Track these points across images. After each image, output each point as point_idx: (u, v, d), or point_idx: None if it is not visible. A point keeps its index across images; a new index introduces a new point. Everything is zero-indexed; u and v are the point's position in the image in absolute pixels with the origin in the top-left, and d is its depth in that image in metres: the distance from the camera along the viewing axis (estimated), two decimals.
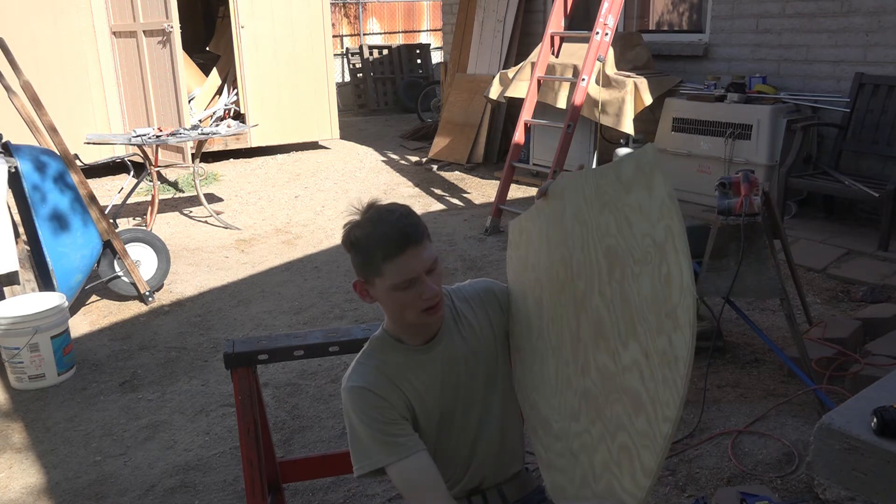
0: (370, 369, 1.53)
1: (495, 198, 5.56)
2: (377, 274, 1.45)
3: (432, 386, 1.56)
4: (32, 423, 3.16)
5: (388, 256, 1.42)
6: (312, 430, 3.00)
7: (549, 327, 1.58)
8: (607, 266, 1.44)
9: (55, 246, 3.86)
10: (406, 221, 1.44)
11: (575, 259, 1.53)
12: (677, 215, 1.32)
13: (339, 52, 13.00)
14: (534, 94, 5.77)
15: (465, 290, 1.68)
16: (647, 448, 1.26)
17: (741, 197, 2.87)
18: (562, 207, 1.59)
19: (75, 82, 7.27)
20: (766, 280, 2.91)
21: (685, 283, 1.26)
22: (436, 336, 1.57)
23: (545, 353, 1.58)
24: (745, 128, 5.18)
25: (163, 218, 6.16)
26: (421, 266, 1.43)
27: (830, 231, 4.83)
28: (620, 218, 1.42)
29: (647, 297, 1.33)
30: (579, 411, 1.45)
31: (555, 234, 1.61)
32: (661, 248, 1.32)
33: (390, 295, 1.46)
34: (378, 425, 1.47)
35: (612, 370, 1.38)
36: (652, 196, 1.37)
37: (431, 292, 1.44)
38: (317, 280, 4.71)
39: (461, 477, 1.64)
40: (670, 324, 1.27)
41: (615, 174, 1.46)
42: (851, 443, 2.08)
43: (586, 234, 1.50)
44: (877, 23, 5.01)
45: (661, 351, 1.27)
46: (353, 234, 1.46)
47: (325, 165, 7.94)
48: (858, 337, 3.35)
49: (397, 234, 1.42)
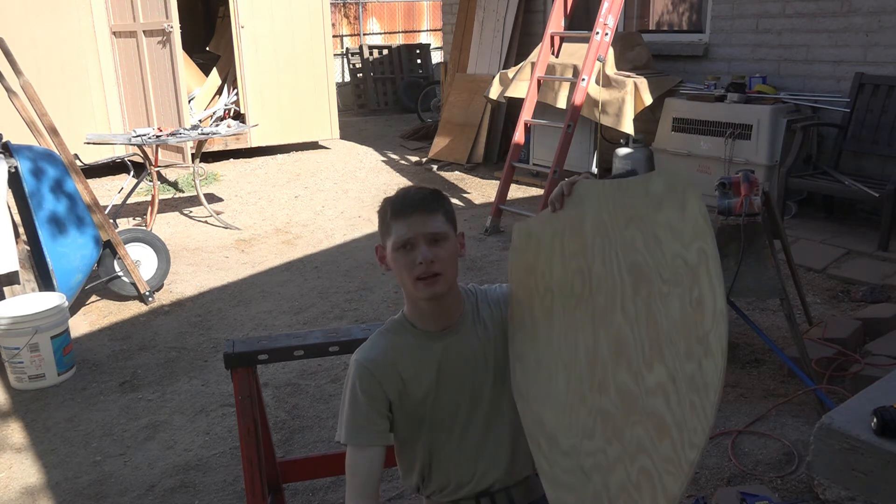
0: (380, 347, 1.61)
1: (495, 198, 5.56)
2: (388, 234, 1.53)
3: (438, 372, 1.58)
4: (32, 423, 3.16)
5: (395, 214, 1.51)
6: (312, 430, 3.00)
7: (560, 340, 1.53)
8: (632, 283, 1.40)
9: (55, 246, 3.86)
10: (427, 192, 1.54)
11: (594, 272, 1.49)
12: (712, 238, 1.30)
13: (339, 52, 13.00)
14: (534, 94, 5.77)
15: (491, 293, 1.69)
16: (672, 474, 1.24)
17: (741, 197, 2.87)
18: (580, 217, 1.55)
19: (75, 82, 7.27)
20: (766, 280, 2.91)
21: (718, 309, 1.24)
22: (449, 326, 1.60)
23: (555, 367, 1.53)
24: (745, 128, 5.18)
25: (163, 218, 6.16)
26: (422, 229, 1.49)
27: (830, 231, 4.83)
28: (648, 235, 1.39)
29: (676, 319, 1.30)
30: (594, 430, 1.41)
31: (571, 244, 1.56)
32: (693, 270, 1.30)
33: (393, 256, 1.53)
34: (360, 407, 1.56)
35: (633, 391, 1.35)
36: (684, 216, 1.34)
37: (424, 257, 1.48)
38: (317, 280, 4.71)
39: (469, 478, 1.64)
40: (701, 349, 1.25)
41: (644, 189, 1.43)
42: (851, 443, 2.08)
43: (608, 247, 1.47)
44: (877, 23, 5.01)
45: (689, 376, 1.25)
46: (383, 201, 1.57)
47: (325, 165, 7.94)
48: (858, 337, 3.35)
49: (411, 198, 1.52)
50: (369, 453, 1.55)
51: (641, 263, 1.40)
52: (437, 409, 1.60)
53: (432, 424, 1.61)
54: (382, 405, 1.58)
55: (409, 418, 1.61)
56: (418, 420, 1.61)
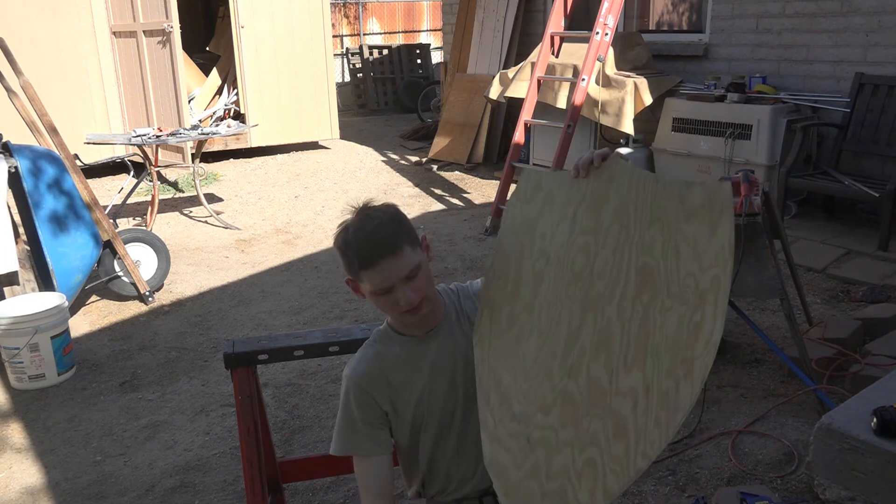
0: (368, 358, 1.62)
1: (495, 198, 5.56)
2: (359, 279, 1.51)
3: (428, 375, 1.59)
4: (32, 423, 3.16)
5: (364, 266, 1.47)
6: (312, 430, 3.00)
7: (542, 307, 1.50)
8: (637, 283, 1.39)
9: (55, 246, 3.85)
10: (383, 231, 1.47)
11: (601, 258, 1.46)
12: (730, 269, 1.29)
13: (339, 52, 12.99)
14: (534, 94, 5.77)
15: (473, 288, 1.70)
16: (616, 474, 1.26)
17: (741, 197, 2.87)
18: (604, 195, 1.49)
19: (75, 82, 7.27)
20: (766, 280, 2.91)
21: (713, 340, 1.24)
22: (433, 329, 1.61)
23: (528, 331, 1.50)
24: (745, 128, 5.18)
25: (163, 218, 6.16)
26: (396, 275, 1.47)
27: (830, 231, 4.83)
28: (669, 243, 1.38)
29: (669, 335, 1.30)
30: (552, 407, 1.41)
31: (585, 218, 1.51)
32: (702, 295, 1.29)
33: (373, 299, 1.52)
34: (357, 423, 1.59)
35: (604, 387, 1.35)
36: (712, 238, 1.33)
37: (406, 301, 1.48)
38: (317, 280, 4.70)
39: (471, 476, 1.65)
40: (683, 371, 1.25)
41: (679, 195, 1.40)
42: (851, 443, 2.08)
43: (624, 239, 1.44)
44: (877, 23, 5.01)
45: (663, 392, 1.26)
46: (339, 238, 1.52)
47: (325, 165, 7.94)
48: (858, 337, 3.35)
49: (371, 244, 1.46)
50: (374, 461, 1.59)
51: (653, 269, 1.38)
52: (433, 410, 1.61)
53: (431, 426, 1.62)
54: (378, 417, 1.60)
55: (407, 423, 1.62)
56: (417, 423, 1.62)
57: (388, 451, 1.62)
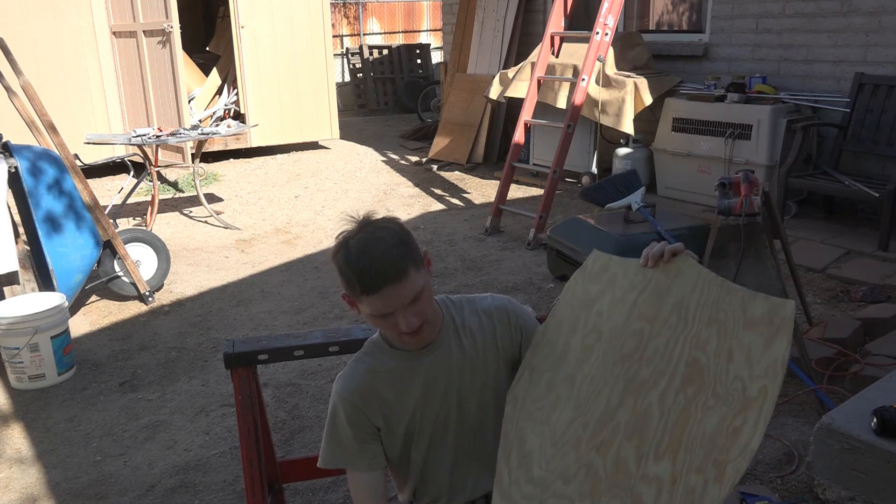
0: (360, 373, 1.58)
1: (495, 198, 5.56)
2: (358, 301, 1.46)
3: (422, 390, 1.56)
4: (32, 423, 3.16)
5: (366, 292, 1.42)
6: (312, 430, 3.00)
7: (584, 381, 1.50)
8: (684, 376, 1.39)
9: (55, 246, 3.85)
10: (387, 258, 1.40)
11: (653, 345, 1.46)
12: (780, 383, 1.29)
13: (339, 52, 12.99)
14: (534, 94, 5.77)
15: (480, 303, 1.65)
16: None
17: (741, 197, 2.87)
18: (667, 287, 1.52)
19: (75, 82, 7.27)
20: (766, 280, 2.91)
21: (751, 448, 1.24)
22: (430, 344, 1.56)
23: (565, 400, 1.50)
24: (745, 128, 5.18)
25: (163, 218, 6.16)
26: (398, 303, 1.42)
27: (830, 231, 4.83)
28: (724, 346, 1.38)
29: (707, 433, 1.29)
30: (573, 478, 1.40)
31: (645, 305, 1.52)
32: (747, 402, 1.29)
33: (372, 321, 1.48)
34: (347, 439, 1.58)
35: (630, 469, 1.34)
36: (767, 350, 1.34)
37: (407, 325, 1.44)
38: (317, 280, 4.71)
39: (461, 488, 1.63)
40: (714, 472, 1.25)
41: (741, 301, 1.42)
42: (851, 443, 2.08)
43: (680, 332, 1.44)
44: (877, 23, 5.01)
45: (690, 488, 1.26)
46: (339, 257, 1.45)
47: (325, 165, 7.94)
48: (858, 337, 3.35)
49: (377, 271, 1.40)
50: (367, 476, 1.59)
51: (703, 366, 1.38)
52: (425, 424, 1.58)
53: (422, 439, 1.59)
54: (370, 433, 1.58)
55: (399, 437, 1.59)
56: (408, 437, 1.59)
57: (381, 467, 1.60)
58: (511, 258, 4.91)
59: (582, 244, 3.95)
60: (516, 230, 5.50)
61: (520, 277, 4.53)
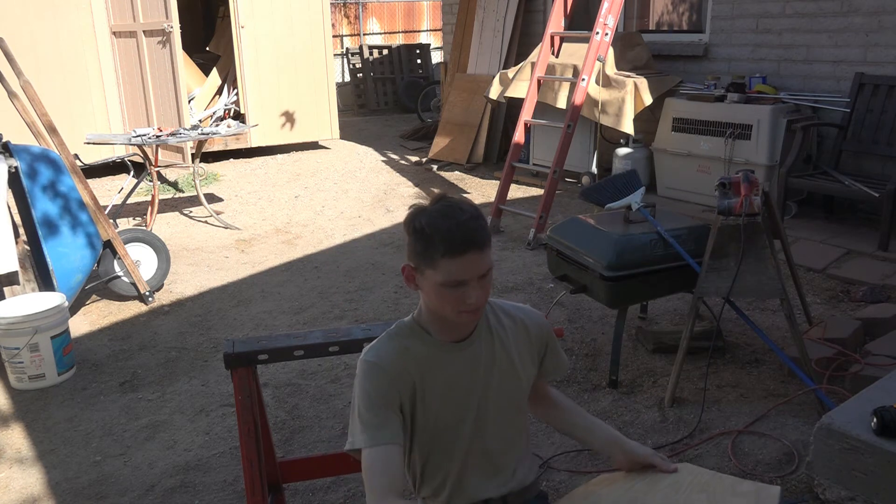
0: (391, 349, 1.51)
1: (495, 198, 5.56)
2: (431, 266, 1.41)
3: (445, 386, 1.54)
4: (32, 423, 3.16)
5: (449, 253, 1.38)
6: (312, 430, 3.00)
7: None
8: None
9: (55, 246, 3.86)
10: (475, 224, 1.40)
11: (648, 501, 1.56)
12: None
13: (339, 52, 13.00)
14: (534, 94, 5.77)
15: (515, 310, 1.65)
16: None
17: (741, 197, 2.87)
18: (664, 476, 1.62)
19: (75, 82, 7.27)
20: (766, 280, 2.91)
21: None
22: (465, 339, 1.54)
23: None
24: (745, 128, 5.18)
25: (163, 218, 6.16)
26: (476, 271, 1.40)
27: (830, 231, 4.83)
28: None
29: None
30: None
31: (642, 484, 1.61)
32: None
33: (436, 289, 1.43)
34: (373, 409, 1.46)
35: None
36: None
37: (476, 298, 1.42)
38: (317, 280, 4.71)
39: (464, 488, 1.62)
40: None
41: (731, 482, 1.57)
42: (851, 443, 2.08)
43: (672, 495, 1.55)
44: (877, 23, 5.01)
45: None
46: (419, 220, 1.41)
47: (325, 165, 7.94)
48: (858, 337, 3.35)
49: (464, 234, 1.38)
50: (390, 450, 1.45)
51: None
52: (439, 420, 1.55)
53: (433, 433, 1.56)
54: (395, 404, 1.49)
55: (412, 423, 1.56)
56: (418, 428, 1.56)
57: (401, 442, 1.49)
58: (511, 258, 4.92)
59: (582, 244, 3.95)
60: (516, 230, 5.50)
61: (520, 277, 4.53)
